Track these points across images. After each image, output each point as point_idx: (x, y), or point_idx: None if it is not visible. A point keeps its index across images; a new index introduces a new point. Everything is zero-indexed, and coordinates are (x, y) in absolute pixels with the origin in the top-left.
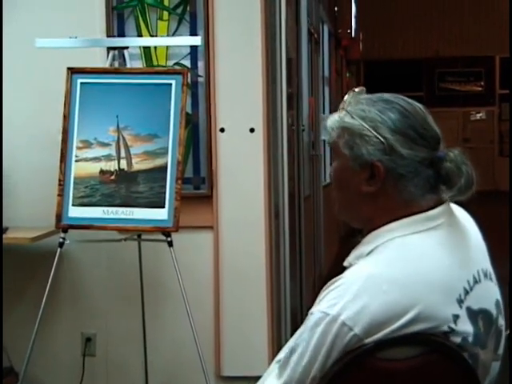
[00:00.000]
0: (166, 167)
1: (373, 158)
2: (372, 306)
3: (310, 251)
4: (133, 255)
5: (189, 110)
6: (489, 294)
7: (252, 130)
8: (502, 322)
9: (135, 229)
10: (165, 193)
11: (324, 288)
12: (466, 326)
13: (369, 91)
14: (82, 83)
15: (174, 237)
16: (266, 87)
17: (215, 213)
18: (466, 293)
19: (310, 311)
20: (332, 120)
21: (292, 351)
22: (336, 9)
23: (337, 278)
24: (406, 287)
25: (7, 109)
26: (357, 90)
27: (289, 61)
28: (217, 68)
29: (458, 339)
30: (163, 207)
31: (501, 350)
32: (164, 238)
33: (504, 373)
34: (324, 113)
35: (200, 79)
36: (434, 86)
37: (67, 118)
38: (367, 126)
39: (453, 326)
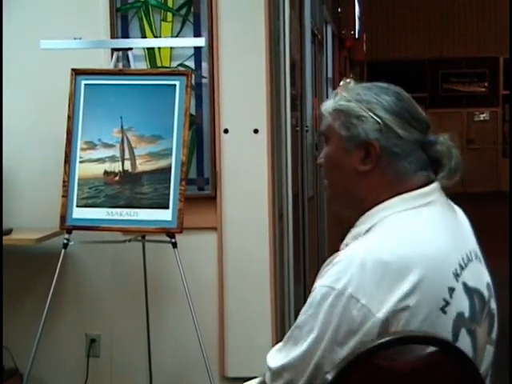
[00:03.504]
0: (170, 168)
1: (369, 136)
2: (375, 276)
3: (313, 252)
4: (137, 256)
5: (193, 111)
6: (480, 276)
7: (256, 131)
8: (493, 305)
9: (139, 230)
10: (169, 194)
11: (324, 265)
12: (461, 300)
13: None
14: (86, 84)
15: (178, 238)
16: (270, 88)
17: (219, 214)
18: (462, 268)
19: (313, 287)
20: (327, 104)
21: (297, 327)
22: (339, 10)
23: (336, 254)
24: (404, 256)
25: (11, 110)
26: (348, 80)
27: (292, 62)
28: (221, 69)
29: (453, 313)
30: (167, 208)
31: (494, 334)
32: (168, 239)
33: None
34: None
35: (204, 80)
36: (438, 87)
37: (71, 119)
38: (363, 107)
39: (448, 298)
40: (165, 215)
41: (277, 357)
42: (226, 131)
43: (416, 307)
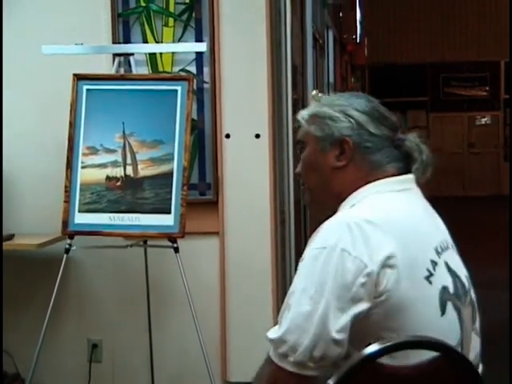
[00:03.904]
0: (171, 173)
1: (342, 133)
2: (362, 234)
3: None
4: (139, 261)
5: (194, 116)
6: (459, 264)
7: (258, 136)
8: (473, 296)
9: (141, 235)
10: (171, 199)
11: (310, 238)
12: (445, 275)
13: (374, 96)
14: (87, 90)
15: (180, 243)
16: (272, 93)
17: (221, 219)
18: (442, 249)
19: (302, 258)
20: (302, 113)
21: (291, 294)
22: (341, 14)
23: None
24: (387, 220)
25: (13, 115)
26: (317, 91)
27: (294, 66)
28: (222, 74)
29: (438, 285)
30: (169, 213)
31: (477, 325)
32: (170, 244)
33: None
34: None
35: (205, 85)
36: (439, 91)
37: (73, 124)
38: (336, 109)
39: (431, 269)
40: (167, 220)
41: (277, 328)
42: (227, 136)
43: (402, 266)
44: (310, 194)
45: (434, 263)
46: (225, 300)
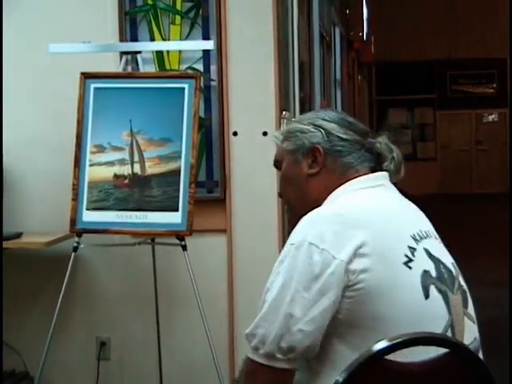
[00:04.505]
0: (179, 171)
1: (312, 141)
2: (332, 227)
3: None
4: (147, 259)
5: (202, 113)
6: (442, 252)
7: (265, 134)
8: (463, 282)
9: (149, 233)
10: (178, 197)
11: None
12: (425, 260)
13: (381, 94)
14: (95, 88)
15: (188, 240)
16: (279, 91)
17: (228, 216)
18: (420, 237)
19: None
20: (275, 134)
21: (265, 291)
22: (347, 12)
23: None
24: (358, 210)
25: (20, 114)
26: (285, 112)
27: (301, 64)
28: (229, 72)
29: (418, 270)
30: (177, 211)
31: (471, 310)
32: (178, 241)
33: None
34: None
35: (213, 83)
36: (446, 89)
37: (81, 122)
38: (305, 123)
39: (410, 255)
40: (174, 218)
41: None
42: (235, 134)
43: (375, 254)
44: (290, 206)
45: (413, 249)
46: (233, 297)
